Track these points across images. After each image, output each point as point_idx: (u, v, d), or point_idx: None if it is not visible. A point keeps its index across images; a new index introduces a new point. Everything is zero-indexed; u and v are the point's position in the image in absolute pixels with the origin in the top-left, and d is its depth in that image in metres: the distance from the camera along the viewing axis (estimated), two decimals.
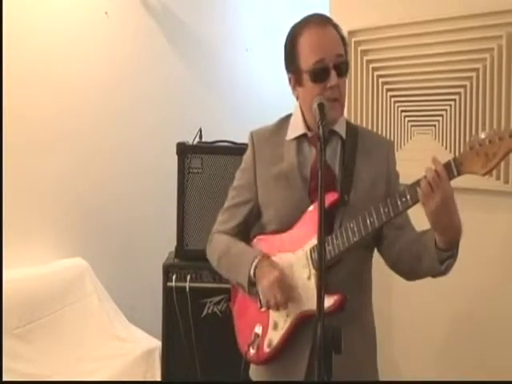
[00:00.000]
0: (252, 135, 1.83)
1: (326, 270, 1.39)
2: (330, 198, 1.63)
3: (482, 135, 1.44)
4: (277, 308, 1.65)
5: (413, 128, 2.72)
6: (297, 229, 1.71)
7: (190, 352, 2.69)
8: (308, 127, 1.74)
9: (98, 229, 3.48)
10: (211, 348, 2.68)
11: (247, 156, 1.83)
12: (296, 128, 1.76)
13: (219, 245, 1.84)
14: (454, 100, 2.54)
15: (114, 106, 3.55)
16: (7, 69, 3.04)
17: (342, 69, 1.64)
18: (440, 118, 2.61)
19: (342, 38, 1.70)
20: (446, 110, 2.58)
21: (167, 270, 2.77)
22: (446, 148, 2.58)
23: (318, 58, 1.62)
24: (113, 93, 3.54)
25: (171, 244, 2.88)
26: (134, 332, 3.19)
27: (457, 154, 2.48)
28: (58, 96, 3.31)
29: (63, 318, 3.01)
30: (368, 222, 1.57)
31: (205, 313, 2.72)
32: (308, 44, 1.64)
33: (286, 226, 1.72)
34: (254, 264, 1.69)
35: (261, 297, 1.68)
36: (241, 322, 1.84)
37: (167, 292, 2.74)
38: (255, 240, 1.83)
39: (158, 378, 2.89)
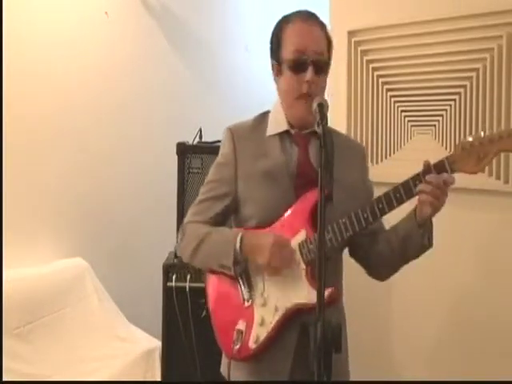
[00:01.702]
0: (231, 131, 1.80)
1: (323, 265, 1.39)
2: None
3: (470, 138, 1.53)
4: (285, 265, 1.63)
5: (413, 128, 2.72)
6: (280, 225, 1.70)
7: (190, 352, 2.69)
8: (290, 124, 1.75)
9: (98, 229, 3.48)
10: (211, 348, 2.66)
11: (226, 151, 1.79)
12: (277, 124, 1.77)
13: (197, 231, 1.78)
14: (454, 100, 2.55)
15: (114, 106, 3.55)
16: (7, 68, 3.03)
17: (320, 67, 1.68)
18: (440, 118, 2.61)
19: (328, 40, 1.74)
20: (446, 110, 2.58)
21: (167, 270, 2.77)
22: (446, 148, 2.57)
23: (297, 48, 1.67)
24: (113, 93, 3.54)
25: (171, 244, 2.86)
26: (134, 332, 3.19)
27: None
28: (58, 96, 3.31)
29: (63, 318, 3.01)
30: (362, 217, 1.60)
31: (205, 313, 2.72)
32: (291, 34, 1.70)
33: (267, 221, 1.71)
34: (239, 238, 1.66)
35: (261, 259, 1.63)
36: (220, 320, 1.80)
37: (167, 292, 2.75)
38: None
39: (158, 378, 2.89)
